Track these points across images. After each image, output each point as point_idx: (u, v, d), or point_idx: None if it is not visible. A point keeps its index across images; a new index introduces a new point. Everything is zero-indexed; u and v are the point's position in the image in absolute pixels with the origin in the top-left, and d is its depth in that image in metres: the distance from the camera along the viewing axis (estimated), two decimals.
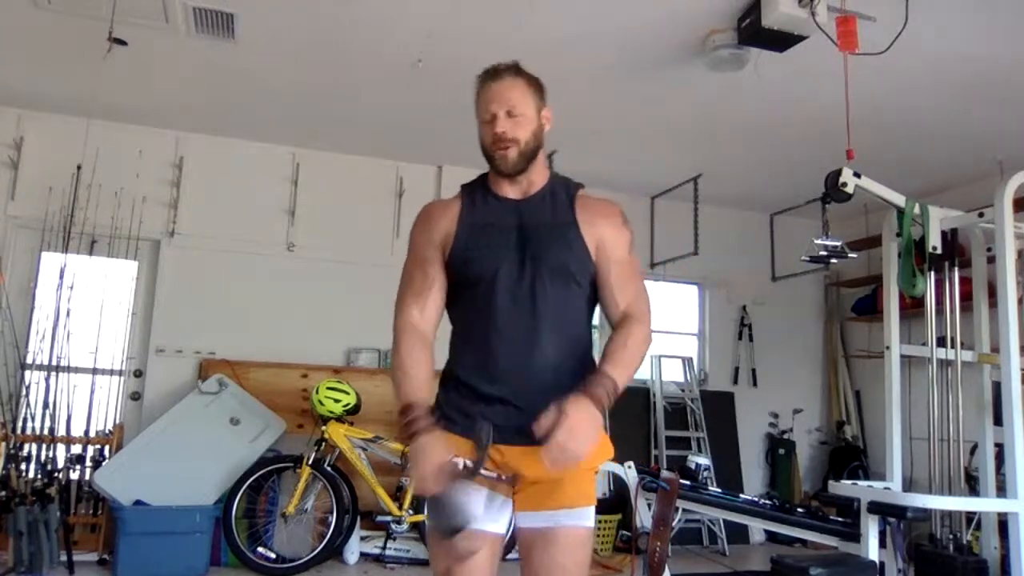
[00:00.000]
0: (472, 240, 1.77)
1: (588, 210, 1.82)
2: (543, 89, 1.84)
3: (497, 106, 1.75)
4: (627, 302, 1.79)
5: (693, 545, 5.80)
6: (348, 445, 4.70)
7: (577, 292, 1.77)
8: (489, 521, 1.70)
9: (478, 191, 1.86)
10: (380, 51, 4.06)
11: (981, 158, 5.08)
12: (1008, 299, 3.48)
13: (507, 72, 1.79)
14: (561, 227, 1.78)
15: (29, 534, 3.94)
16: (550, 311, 1.72)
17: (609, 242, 1.80)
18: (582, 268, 1.77)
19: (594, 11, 3.60)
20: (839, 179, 3.57)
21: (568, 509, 1.71)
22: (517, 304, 1.71)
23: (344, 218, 5.65)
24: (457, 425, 1.72)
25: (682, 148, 5.39)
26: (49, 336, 4.52)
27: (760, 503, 3.79)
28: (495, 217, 1.80)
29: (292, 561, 4.49)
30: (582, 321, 1.81)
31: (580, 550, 1.71)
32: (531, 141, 1.77)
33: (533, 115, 1.78)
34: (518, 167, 1.78)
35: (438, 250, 1.81)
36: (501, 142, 1.75)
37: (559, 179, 1.88)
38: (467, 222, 1.80)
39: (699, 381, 6.43)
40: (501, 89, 1.76)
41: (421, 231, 1.86)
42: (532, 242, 1.75)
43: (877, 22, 3.36)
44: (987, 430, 3.91)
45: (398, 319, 1.79)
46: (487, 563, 1.69)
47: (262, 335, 5.31)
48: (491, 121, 1.76)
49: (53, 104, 4.94)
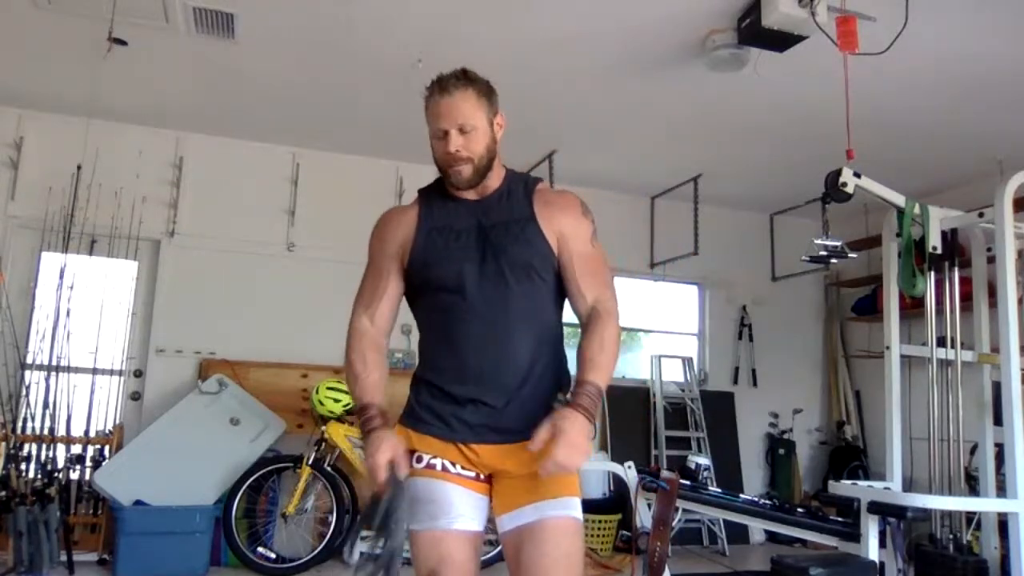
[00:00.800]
0: (431, 244, 1.77)
1: (546, 203, 1.80)
2: (494, 94, 1.80)
3: (448, 122, 1.72)
4: (594, 295, 1.77)
5: (693, 545, 5.80)
6: (348, 445, 4.70)
7: (542, 286, 1.76)
8: (469, 520, 1.71)
9: (435, 195, 1.86)
10: (380, 51, 4.06)
11: (981, 158, 5.08)
12: (1008, 299, 3.48)
13: (456, 84, 1.73)
14: (520, 223, 1.77)
15: (29, 534, 3.94)
16: (517, 308, 1.72)
17: (569, 234, 1.78)
18: (544, 262, 1.75)
19: (594, 11, 3.60)
20: (839, 179, 3.57)
21: (552, 499, 1.69)
22: (482, 303, 1.71)
23: (344, 218, 5.63)
24: (431, 427, 1.74)
25: (682, 148, 5.39)
26: (49, 336, 4.52)
27: (760, 503, 3.78)
28: (453, 219, 1.79)
29: (292, 561, 4.49)
30: (550, 315, 1.80)
31: (569, 540, 1.68)
32: (485, 155, 1.76)
33: (485, 127, 1.76)
34: (472, 183, 1.77)
35: (394, 259, 1.82)
36: (454, 160, 1.73)
37: (517, 176, 1.87)
38: (425, 227, 1.80)
39: (699, 381, 6.42)
40: (451, 104, 1.72)
41: (376, 240, 1.88)
42: (492, 240, 1.74)
43: (877, 22, 3.36)
44: (987, 430, 3.91)
45: (349, 327, 1.84)
46: (471, 561, 1.69)
47: (262, 335, 5.31)
48: (443, 138, 1.73)
49: (53, 104, 4.94)
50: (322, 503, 4.66)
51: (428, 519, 1.69)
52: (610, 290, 1.80)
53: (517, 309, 1.72)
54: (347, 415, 4.73)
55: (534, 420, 1.63)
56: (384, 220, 1.89)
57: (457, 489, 1.71)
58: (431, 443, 1.74)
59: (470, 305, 1.71)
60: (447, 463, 1.72)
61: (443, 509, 1.69)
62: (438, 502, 1.70)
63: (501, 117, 1.83)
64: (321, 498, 4.65)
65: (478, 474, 1.74)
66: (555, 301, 1.81)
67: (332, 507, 4.57)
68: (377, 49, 4.04)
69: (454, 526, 1.68)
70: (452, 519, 1.69)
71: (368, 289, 1.87)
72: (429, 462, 1.73)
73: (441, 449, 1.73)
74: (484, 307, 1.71)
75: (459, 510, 1.70)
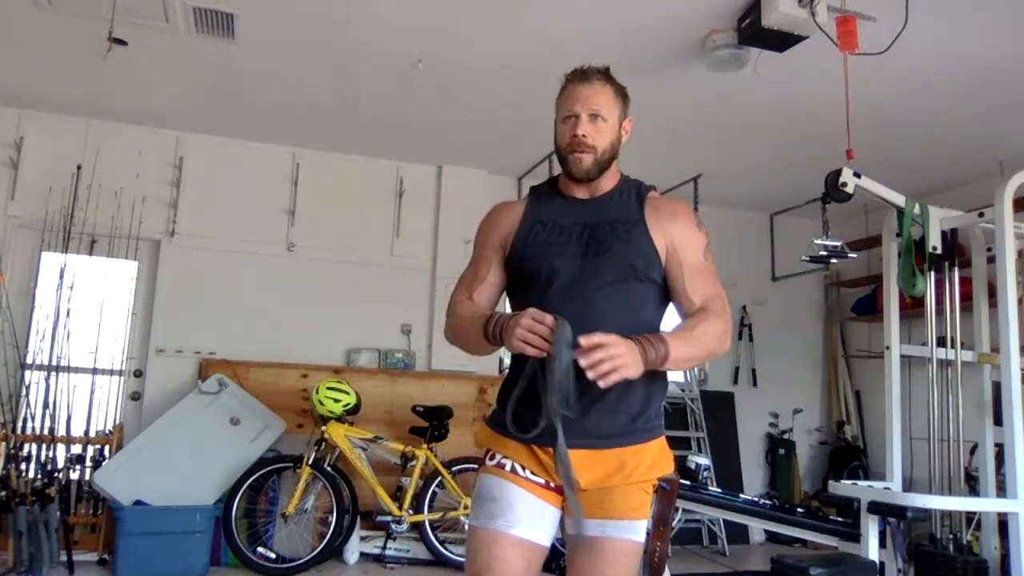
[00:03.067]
0: (533, 236, 1.75)
1: (657, 209, 1.77)
2: (628, 100, 1.81)
3: (581, 107, 1.72)
4: (703, 299, 1.73)
5: (693, 545, 5.80)
6: (348, 445, 4.70)
7: (641, 290, 1.71)
8: (530, 528, 1.64)
9: (546, 192, 1.85)
10: (380, 51, 4.06)
11: (981, 158, 5.08)
12: (1008, 299, 3.48)
13: (597, 76, 1.75)
14: (627, 224, 1.73)
15: (29, 534, 3.94)
16: (610, 309, 1.67)
17: (680, 244, 1.74)
18: (648, 265, 1.71)
19: (594, 11, 3.60)
20: (839, 179, 3.57)
21: (617, 520, 1.65)
22: (575, 301, 1.66)
23: (344, 218, 5.65)
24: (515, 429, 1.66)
25: (682, 148, 5.39)
26: (49, 336, 4.52)
27: (760, 503, 3.78)
28: (559, 215, 1.77)
29: (292, 561, 4.49)
30: (647, 321, 1.72)
31: (626, 564, 1.65)
32: (608, 151, 1.74)
33: (615, 123, 1.76)
34: (591, 174, 1.74)
35: (498, 250, 1.80)
36: (579, 145, 1.71)
37: (630, 181, 1.85)
38: (530, 220, 1.78)
39: (699, 381, 6.42)
40: (588, 92, 1.73)
41: (483, 231, 1.85)
42: (597, 238, 1.71)
43: (877, 22, 3.36)
44: (987, 430, 3.91)
45: (450, 305, 1.80)
46: (522, 571, 1.62)
47: (262, 335, 5.31)
48: (571, 121, 1.72)
49: (53, 104, 4.94)
50: (322, 503, 4.65)
51: (487, 518, 1.65)
52: (722, 301, 1.75)
53: (611, 310, 1.66)
54: (347, 415, 4.74)
55: (617, 429, 1.60)
56: (493, 211, 1.88)
57: (522, 493, 1.66)
58: (507, 444, 1.70)
59: (562, 301, 1.65)
60: (518, 465, 1.68)
61: (502, 510, 1.64)
62: (499, 501, 1.65)
63: (630, 123, 1.82)
64: (321, 498, 4.65)
65: (548, 481, 1.67)
66: (655, 309, 1.75)
67: (332, 507, 4.57)
68: (377, 49, 4.04)
69: (511, 531, 1.63)
70: (511, 523, 1.63)
71: (469, 275, 1.84)
72: (500, 461, 1.70)
73: (515, 451, 1.68)
74: (575, 304, 1.65)
75: (519, 515, 1.64)
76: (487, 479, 1.70)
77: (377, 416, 5.10)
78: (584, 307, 1.65)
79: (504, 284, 1.81)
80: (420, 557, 4.74)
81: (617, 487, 1.66)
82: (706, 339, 1.67)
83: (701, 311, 1.71)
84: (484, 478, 1.71)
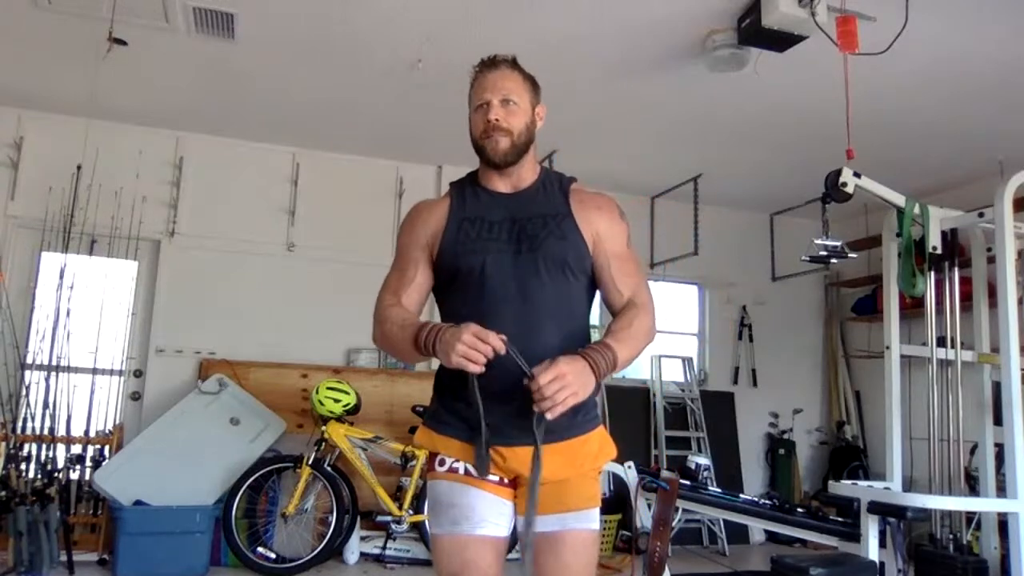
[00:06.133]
0: (462, 234, 1.73)
1: (583, 203, 1.78)
2: (538, 87, 1.82)
3: (491, 94, 1.73)
4: (631, 291, 1.76)
5: (693, 545, 5.80)
6: (348, 445, 4.70)
7: (574, 284, 1.73)
8: (494, 525, 1.66)
9: (467, 187, 1.83)
10: (380, 51, 4.06)
11: (981, 158, 5.08)
12: (1008, 299, 3.48)
13: (504, 63, 1.77)
14: (556, 218, 1.73)
15: (29, 534, 3.94)
16: (549, 304, 1.68)
17: (606, 235, 1.76)
18: (579, 260, 1.72)
19: (594, 11, 3.60)
20: (839, 179, 3.57)
21: (575, 512, 1.68)
22: (512, 298, 1.66)
23: (344, 218, 5.65)
24: (453, 429, 1.69)
25: (682, 148, 5.39)
26: (49, 336, 4.52)
27: (760, 503, 3.78)
28: (486, 211, 1.76)
29: (292, 561, 4.49)
30: (581, 314, 1.76)
31: (588, 552, 1.69)
32: (523, 133, 1.74)
33: (527, 107, 1.76)
34: (508, 158, 1.74)
35: (423, 250, 1.77)
36: (493, 130, 1.71)
37: (552, 173, 1.85)
38: (457, 217, 1.76)
39: (699, 381, 6.43)
40: (497, 78, 1.74)
41: (406, 232, 1.83)
42: (528, 233, 1.71)
43: (877, 22, 3.36)
44: (987, 430, 3.91)
45: (375, 312, 1.78)
46: (494, 567, 1.64)
47: (262, 335, 5.31)
48: (484, 108, 1.73)
49: (53, 104, 4.94)
50: (322, 503, 4.65)
51: (450, 524, 1.65)
52: (647, 291, 1.79)
53: (549, 305, 1.68)
54: (347, 415, 4.73)
55: (563, 424, 1.60)
56: (415, 211, 1.85)
57: (480, 494, 1.66)
58: (453, 445, 1.69)
59: (499, 298, 1.66)
60: (469, 467, 1.67)
61: (465, 514, 1.65)
62: (459, 506, 1.66)
63: (543, 109, 1.82)
64: (321, 498, 4.65)
65: (502, 478, 1.69)
66: (586, 301, 1.78)
67: (332, 507, 4.57)
68: (377, 49, 4.04)
69: (477, 531, 1.64)
70: (475, 524, 1.64)
71: (395, 278, 1.80)
72: (452, 466, 1.69)
73: (463, 452, 1.68)
74: (513, 301, 1.66)
75: (482, 515, 1.65)
76: (442, 485, 1.69)
77: (377, 416, 5.10)
78: (523, 305, 1.66)
79: (431, 285, 1.79)
80: (420, 557, 4.74)
81: (571, 479, 1.69)
82: (641, 335, 1.71)
83: (631, 306, 1.74)
84: (438, 484, 1.70)
